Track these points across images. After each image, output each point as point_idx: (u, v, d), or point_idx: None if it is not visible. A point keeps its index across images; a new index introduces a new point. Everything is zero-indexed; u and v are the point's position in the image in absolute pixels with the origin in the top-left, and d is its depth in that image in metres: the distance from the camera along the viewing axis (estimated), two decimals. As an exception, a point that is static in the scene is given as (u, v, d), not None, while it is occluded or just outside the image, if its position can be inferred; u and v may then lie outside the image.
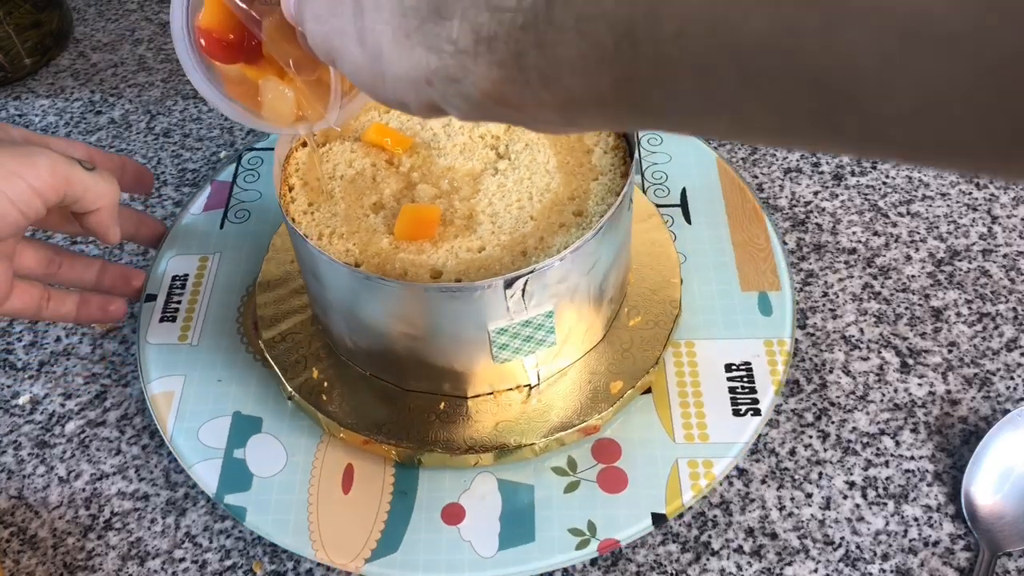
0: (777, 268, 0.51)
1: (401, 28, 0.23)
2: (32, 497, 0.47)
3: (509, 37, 0.21)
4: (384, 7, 0.24)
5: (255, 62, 0.36)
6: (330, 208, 0.44)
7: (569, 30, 0.20)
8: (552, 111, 0.22)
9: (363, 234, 0.42)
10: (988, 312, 0.51)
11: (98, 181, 0.43)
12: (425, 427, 0.44)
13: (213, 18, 0.34)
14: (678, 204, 0.55)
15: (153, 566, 0.43)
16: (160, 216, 0.60)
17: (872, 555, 0.42)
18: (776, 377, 0.46)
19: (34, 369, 0.52)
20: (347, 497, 0.44)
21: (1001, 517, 0.42)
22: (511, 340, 0.41)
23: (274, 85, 0.36)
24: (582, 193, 0.43)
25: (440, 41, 0.22)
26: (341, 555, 0.41)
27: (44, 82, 0.72)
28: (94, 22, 0.78)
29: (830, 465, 0.45)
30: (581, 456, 0.44)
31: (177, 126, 0.67)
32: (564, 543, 0.41)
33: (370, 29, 0.24)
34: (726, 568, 0.42)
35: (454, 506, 0.43)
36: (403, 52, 0.24)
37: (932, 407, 0.47)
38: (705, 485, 0.42)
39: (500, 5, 0.21)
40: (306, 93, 0.36)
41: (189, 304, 0.52)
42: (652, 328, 0.47)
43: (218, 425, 0.47)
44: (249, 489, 0.44)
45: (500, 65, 0.22)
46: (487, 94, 0.23)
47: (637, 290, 0.49)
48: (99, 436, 0.49)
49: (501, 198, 0.43)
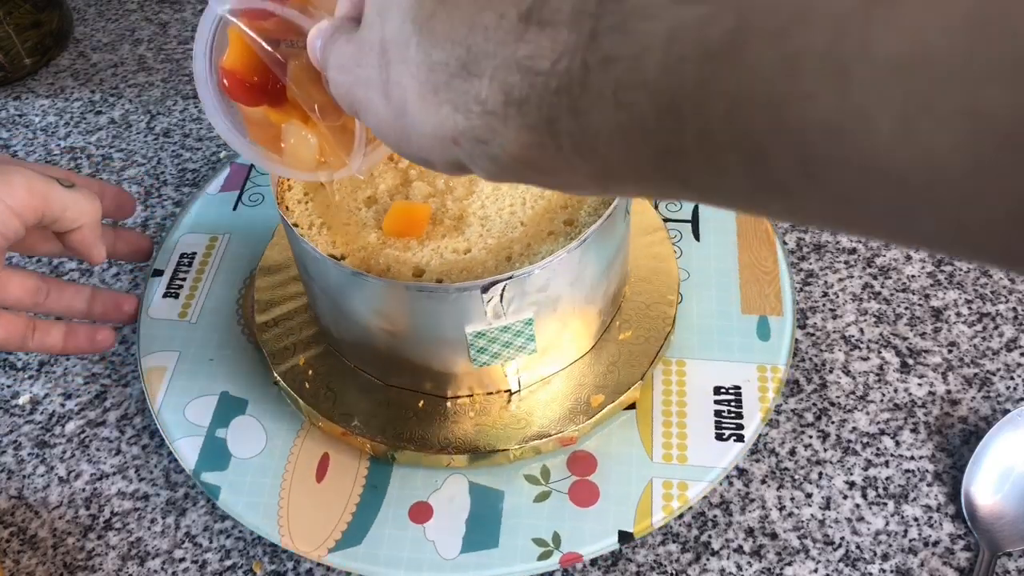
0: (781, 293, 0.50)
1: (428, 83, 0.22)
2: (32, 497, 0.47)
3: (541, 101, 0.20)
4: (411, 60, 0.22)
5: (279, 105, 0.35)
6: (324, 199, 0.44)
7: (606, 98, 0.18)
8: (586, 179, 0.21)
9: (353, 227, 0.43)
10: (988, 312, 0.51)
11: (77, 199, 0.42)
12: (402, 423, 0.44)
13: (237, 60, 0.34)
14: (688, 220, 0.54)
15: (153, 566, 0.43)
16: (160, 216, 0.60)
17: (872, 555, 0.42)
18: (765, 405, 0.45)
19: (34, 369, 0.52)
20: (319, 486, 0.44)
21: (1001, 517, 0.42)
22: (489, 344, 0.41)
23: (297, 130, 0.35)
24: (575, 202, 0.43)
25: (468, 100, 0.21)
26: (306, 542, 0.42)
27: (44, 82, 0.72)
28: (94, 22, 0.78)
29: (830, 465, 0.45)
30: (556, 466, 0.44)
31: (177, 126, 0.67)
32: (527, 552, 0.41)
33: (396, 83, 0.23)
34: (726, 568, 0.42)
35: (422, 505, 0.43)
36: (429, 109, 0.22)
37: (932, 407, 0.47)
38: (677, 507, 0.42)
39: (532, 67, 0.19)
40: (329, 139, 0.35)
41: (193, 282, 0.53)
42: (642, 343, 0.46)
43: (205, 403, 0.48)
44: (226, 469, 0.45)
45: (531, 129, 0.20)
46: (516, 158, 0.21)
47: (631, 304, 0.48)
48: (99, 436, 0.49)
49: (494, 201, 0.43)
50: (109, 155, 0.65)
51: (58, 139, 0.67)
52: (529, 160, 0.21)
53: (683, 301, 0.50)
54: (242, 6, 0.33)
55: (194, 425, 0.46)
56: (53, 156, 0.66)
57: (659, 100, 0.18)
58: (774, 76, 0.16)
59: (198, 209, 0.57)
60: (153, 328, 0.51)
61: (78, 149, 0.66)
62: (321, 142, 0.36)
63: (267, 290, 0.50)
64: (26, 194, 0.40)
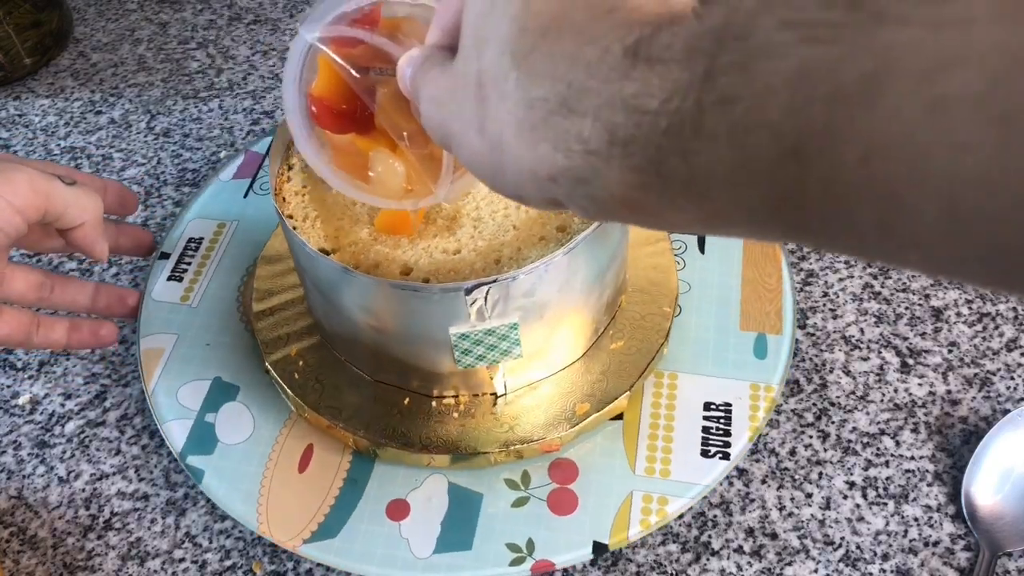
0: (782, 311, 0.49)
1: (526, 120, 0.21)
2: (32, 497, 0.47)
3: (648, 141, 0.19)
4: (509, 96, 0.22)
5: (366, 133, 0.35)
6: (321, 192, 0.44)
7: (721, 140, 0.17)
8: (692, 221, 0.20)
9: (346, 221, 0.43)
10: (988, 312, 0.51)
11: (79, 196, 0.42)
12: (386, 420, 0.44)
13: (326, 87, 0.34)
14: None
15: (153, 566, 0.43)
16: (160, 216, 0.60)
17: (872, 555, 0.42)
18: (754, 424, 0.44)
19: (34, 369, 0.52)
20: (301, 476, 0.44)
21: (1001, 517, 0.42)
22: (473, 347, 0.41)
23: (384, 158, 0.35)
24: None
25: (569, 139, 0.20)
26: (282, 532, 0.42)
27: (44, 82, 0.72)
28: (94, 22, 0.78)
29: (830, 465, 0.45)
30: (537, 472, 0.44)
31: (177, 126, 0.67)
32: (499, 557, 0.41)
33: (492, 118, 0.22)
34: (726, 568, 0.42)
35: (400, 502, 0.43)
36: (526, 146, 0.21)
37: (932, 407, 0.47)
38: (655, 522, 0.41)
39: (640, 106, 0.18)
40: (416, 167, 0.35)
41: (198, 267, 0.54)
42: (633, 355, 0.46)
43: (197, 387, 0.48)
44: (212, 453, 0.45)
45: (636, 170, 0.19)
46: (619, 199, 0.20)
47: (626, 314, 0.48)
48: (99, 436, 0.49)
49: (488, 204, 0.43)
50: (109, 155, 0.65)
51: (58, 139, 0.67)
52: (632, 201, 0.20)
53: (681, 313, 0.49)
54: (331, 34, 0.33)
55: (185, 408, 0.47)
56: (53, 156, 0.66)
57: (782, 143, 0.16)
58: (918, 122, 0.14)
59: (209, 194, 0.58)
60: (155, 310, 0.52)
61: (78, 149, 0.66)
62: (408, 170, 0.35)
63: (267, 279, 0.51)
64: (28, 191, 0.40)
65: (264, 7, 0.78)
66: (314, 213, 0.43)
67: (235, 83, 0.70)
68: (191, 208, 0.57)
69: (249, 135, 0.65)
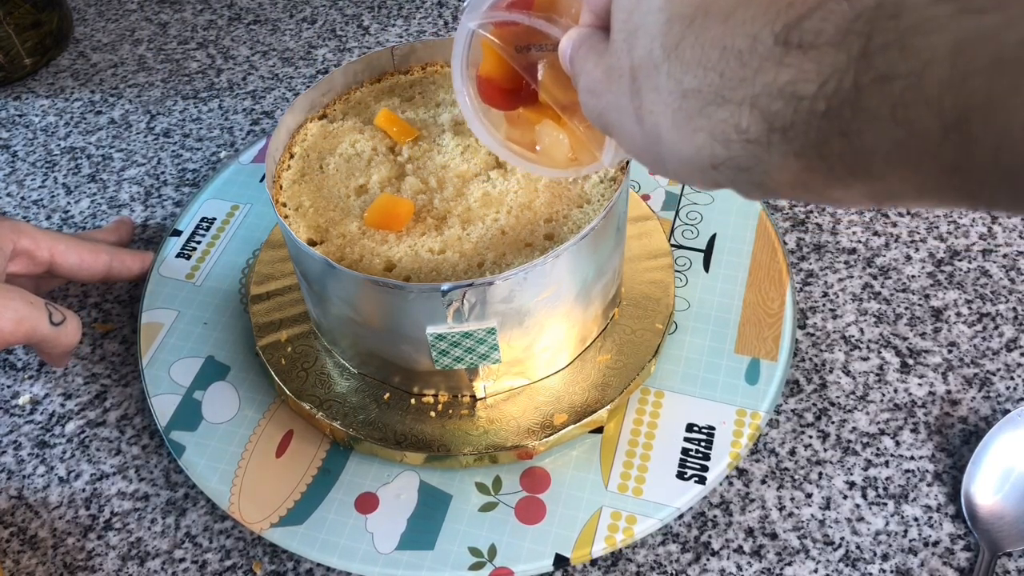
0: (780, 338, 0.48)
1: (682, 111, 0.21)
2: (32, 497, 0.47)
3: (808, 126, 0.19)
4: (662, 87, 0.22)
5: (532, 105, 0.36)
6: (317, 182, 0.44)
7: (882, 118, 0.17)
8: (860, 196, 0.20)
9: (337, 213, 0.43)
10: (988, 312, 0.51)
11: (59, 336, 0.45)
12: (364, 413, 0.45)
13: (492, 68, 0.36)
14: (702, 249, 0.52)
15: (153, 566, 0.44)
16: (160, 216, 0.60)
17: (872, 555, 0.42)
18: (736, 451, 0.43)
19: (34, 369, 0.53)
20: (277, 461, 0.45)
21: (1001, 517, 0.42)
22: (451, 348, 0.41)
23: (550, 130, 0.37)
24: (560, 217, 0.42)
25: (727, 129, 0.20)
26: (251, 514, 0.43)
27: (44, 82, 0.72)
28: (94, 22, 0.78)
29: (830, 465, 0.45)
30: (509, 479, 0.44)
31: (177, 126, 0.67)
32: (460, 560, 0.41)
33: (648, 110, 0.23)
34: (726, 568, 0.42)
35: (370, 496, 0.44)
36: (684, 137, 0.22)
37: (932, 407, 0.47)
38: (621, 540, 0.41)
39: (796, 92, 0.19)
40: (580, 137, 0.36)
41: (207, 246, 0.55)
42: (620, 369, 0.45)
43: (190, 364, 0.49)
44: (195, 430, 0.46)
45: (797, 155, 0.19)
46: (783, 183, 0.21)
47: (619, 328, 0.47)
48: (99, 436, 0.49)
49: (481, 206, 0.43)
50: (109, 155, 0.65)
51: (58, 139, 0.67)
52: (796, 184, 0.21)
53: (677, 331, 0.49)
54: (492, 19, 0.34)
55: (175, 384, 0.48)
56: (53, 156, 0.66)
57: (945, 117, 0.17)
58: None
59: (227, 176, 0.60)
60: (160, 285, 0.53)
61: (78, 149, 0.66)
62: (572, 140, 0.37)
63: (268, 263, 0.51)
64: (14, 326, 0.43)
65: (264, 7, 0.78)
66: (308, 202, 0.43)
67: (235, 83, 0.70)
68: (207, 188, 0.58)
69: (249, 135, 0.65)
